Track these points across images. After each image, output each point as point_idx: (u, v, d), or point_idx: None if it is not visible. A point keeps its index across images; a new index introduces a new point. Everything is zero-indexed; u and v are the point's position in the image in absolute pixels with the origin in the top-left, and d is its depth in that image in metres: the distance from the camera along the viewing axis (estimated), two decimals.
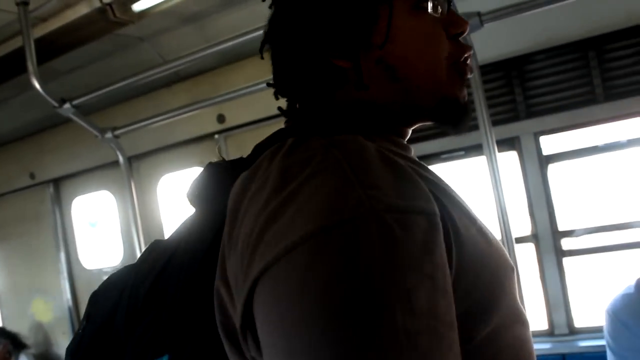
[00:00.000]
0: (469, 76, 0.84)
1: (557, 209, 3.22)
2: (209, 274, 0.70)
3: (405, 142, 0.86)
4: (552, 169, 3.22)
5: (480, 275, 0.65)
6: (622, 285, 2.12)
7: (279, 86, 0.86)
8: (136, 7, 3.04)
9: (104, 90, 3.00)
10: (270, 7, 0.85)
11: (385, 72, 0.78)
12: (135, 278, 0.83)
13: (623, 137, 3.08)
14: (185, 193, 0.82)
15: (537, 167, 3.21)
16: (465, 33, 0.83)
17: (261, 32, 0.91)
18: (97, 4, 2.93)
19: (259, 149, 0.80)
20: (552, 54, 3.15)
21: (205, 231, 0.74)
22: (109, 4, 2.93)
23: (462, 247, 0.63)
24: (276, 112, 0.91)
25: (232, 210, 0.67)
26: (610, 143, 3.11)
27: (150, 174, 4.47)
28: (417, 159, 0.83)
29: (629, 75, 3.01)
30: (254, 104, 3.39)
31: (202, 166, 0.82)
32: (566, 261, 3.21)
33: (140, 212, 4.29)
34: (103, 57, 3.64)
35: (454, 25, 0.81)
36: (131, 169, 4.37)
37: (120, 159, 3.31)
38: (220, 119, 3.90)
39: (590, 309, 3.22)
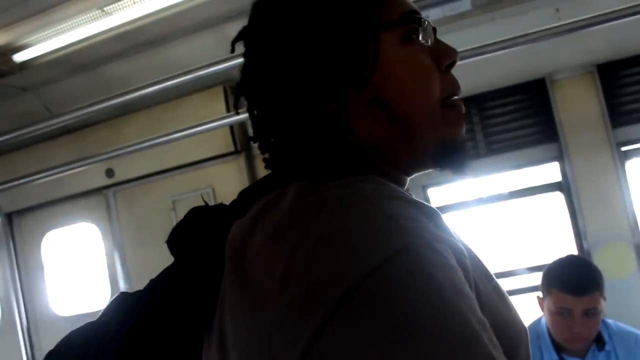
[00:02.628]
0: (463, 111, 0.79)
1: None
2: (192, 340, 0.68)
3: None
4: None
5: (498, 337, 0.59)
6: None
7: (264, 139, 0.79)
8: (18, 57, 2.91)
9: None
10: (244, 57, 0.80)
11: (381, 111, 0.72)
12: (103, 336, 0.75)
13: (504, 190, 3.25)
14: (165, 240, 0.76)
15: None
16: (456, 63, 0.79)
17: (152, 87, 0.84)
18: None
19: (245, 195, 0.75)
20: None
21: (188, 287, 0.70)
22: None
23: (480, 303, 0.58)
24: (167, 166, 0.84)
25: (233, 259, 0.63)
26: (493, 195, 3.26)
27: (33, 231, 4.21)
28: None
29: (506, 132, 3.20)
30: (144, 158, 3.30)
31: (91, 221, 0.76)
32: None
33: (22, 271, 4.04)
34: None
35: (444, 55, 0.76)
36: (11, 225, 4.12)
37: None
38: (109, 173, 3.76)
39: None
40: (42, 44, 2.84)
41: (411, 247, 0.52)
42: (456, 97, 0.78)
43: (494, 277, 0.69)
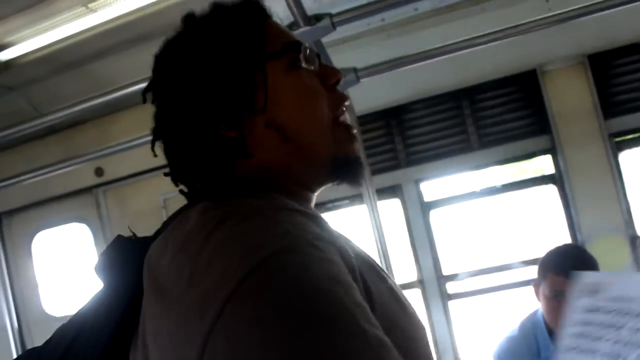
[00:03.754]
0: (354, 131, 0.86)
1: (440, 254, 3.30)
2: (119, 353, 0.71)
3: (313, 209, 0.85)
4: (434, 214, 3.30)
5: (390, 336, 0.62)
6: (506, 328, 2.19)
7: (178, 172, 0.85)
8: (2, 56, 2.86)
9: None
10: (152, 102, 0.86)
11: (276, 133, 0.79)
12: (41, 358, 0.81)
13: (497, 183, 3.23)
14: (92, 267, 0.81)
15: (420, 213, 3.29)
16: (341, 81, 0.87)
17: (140, 84, 0.91)
18: None
19: (165, 225, 0.79)
20: (428, 104, 3.28)
21: (114, 306, 0.74)
22: None
23: (371, 304, 0.63)
24: (158, 164, 0.90)
25: (149, 277, 0.68)
26: (487, 188, 3.25)
27: (23, 231, 4.17)
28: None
29: (498, 124, 3.18)
30: (134, 157, 3.24)
31: (81, 221, 0.79)
32: (451, 304, 3.28)
33: (12, 272, 4.00)
34: None
35: (328, 75, 0.85)
36: (1, 226, 4.08)
37: None
38: (99, 172, 3.72)
39: (478, 350, 3.30)
40: (27, 42, 2.80)
41: (291, 246, 0.59)
42: (346, 105, 0.86)
43: (389, 279, 0.75)
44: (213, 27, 0.82)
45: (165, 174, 0.87)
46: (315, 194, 0.87)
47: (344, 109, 0.86)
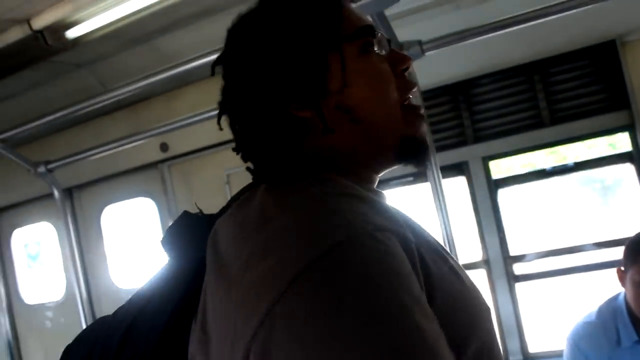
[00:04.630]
0: (422, 112, 0.87)
1: (507, 234, 3.19)
2: (180, 329, 0.73)
3: (377, 189, 0.87)
4: (502, 193, 3.19)
5: (452, 316, 0.66)
6: (583, 312, 2.10)
7: (244, 149, 0.87)
8: (70, 33, 2.90)
9: (37, 122, 2.84)
10: (223, 76, 0.87)
11: (345, 115, 0.80)
12: (107, 332, 0.85)
13: (570, 161, 3.09)
14: (159, 241, 0.85)
15: (487, 192, 3.18)
16: (410, 68, 0.88)
17: (206, 58, 0.94)
18: (28, 31, 2.78)
19: (230, 203, 0.82)
20: (497, 78, 3.15)
21: (179, 283, 0.77)
22: (40, 31, 2.78)
23: (432, 285, 0.65)
24: (221, 139, 0.92)
25: (211, 253, 0.71)
26: (558, 166, 3.11)
27: (92, 205, 4.30)
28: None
29: (572, 99, 3.02)
30: (198, 132, 3.27)
31: (147, 196, 0.80)
32: (518, 286, 3.17)
33: (82, 245, 4.14)
34: (37, 86, 3.49)
35: (398, 62, 0.86)
36: (72, 199, 4.22)
37: (56, 193, 3.15)
38: (164, 147, 3.77)
39: (544, 334, 3.20)
40: (92, 20, 2.83)
41: (352, 238, 0.60)
42: (412, 92, 0.87)
43: (451, 259, 0.75)
44: (290, 4, 0.83)
45: (234, 149, 0.87)
46: (380, 174, 0.88)
47: (411, 95, 0.87)
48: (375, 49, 0.83)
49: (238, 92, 0.84)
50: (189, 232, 0.81)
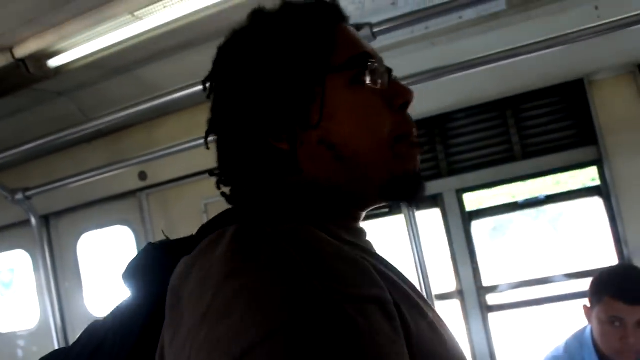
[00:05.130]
0: (417, 142, 0.81)
1: (481, 265, 3.24)
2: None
3: (359, 227, 0.83)
4: (475, 225, 3.25)
5: None
6: (550, 345, 2.12)
7: (223, 174, 0.83)
8: (52, 62, 2.94)
9: (17, 150, 2.86)
10: (208, 97, 0.84)
11: (328, 151, 0.75)
12: None
13: (541, 194, 3.16)
14: (120, 273, 0.78)
15: (460, 223, 3.24)
16: (410, 103, 0.81)
17: (186, 90, 0.93)
18: (10, 59, 2.81)
19: (203, 230, 0.76)
20: (472, 113, 3.23)
21: (138, 316, 0.72)
22: (22, 60, 2.82)
23: (410, 340, 0.60)
24: (199, 169, 0.91)
25: (172, 297, 0.64)
26: (530, 199, 3.18)
27: (69, 233, 4.27)
28: (369, 247, 0.81)
29: (543, 134, 3.11)
30: (177, 161, 3.31)
31: (125, 224, 0.80)
32: (491, 316, 3.22)
33: (58, 272, 4.10)
34: (17, 113, 3.49)
35: (398, 96, 0.79)
36: (48, 227, 4.19)
37: (33, 220, 3.15)
38: (142, 176, 3.79)
39: None
40: (75, 49, 2.86)
41: (313, 313, 0.53)
42: (413, 134, 0.80)
43: (430, 313, 0.69)
44: (279, 28, 0.79)
45: (211, 174, 0.85)
46: (365, 212, 0.83)
47: (409, 136, 0.80)
48: (368, 80, 0.77)
49: (221, 114, 0.81)
50: (151, 267, 0.75)
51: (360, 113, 0.76)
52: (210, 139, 0.85)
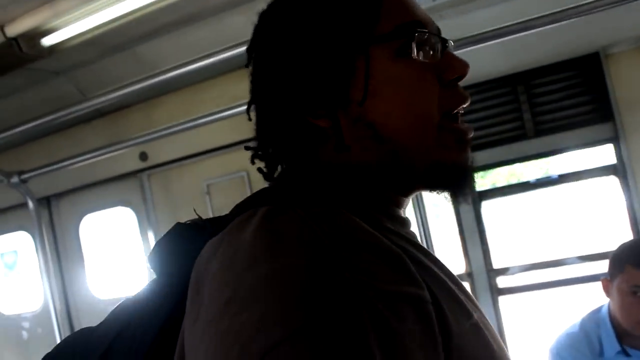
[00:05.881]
0: (470, 135, 0.73)
1: (491, 246, 3.17)
2: (161, 354, 0.65)
3: (402, 215, 0.76)
4: (486, 206, 3.17)
5: None
6: (565, 324, 2.09)
7: (261, 148, 0.78)
8: (46, 41, 2.84)
9: (13, 131, 2.79)
10: (247, 65, 0.79)
11: (367, 131, 0.69)
12: (87, 346, 0.76)
13: (554, 173, 3.07)
14: (146, 257, 0.74)
15: (470, 203, 3.15)
16: (465, 76, 0.72)
17: (186, 67, 0.86)
18: (2, 38, 2.71)
19: (238, 209, 0.71)
20: (481, 89, 3.13)
21: (162, 305, 0.68)
22: (15, 39, 2.72)
23: (450, 341, 0.55)
24: (200, 149, 0.84)
25: (194, 284, 0.61)
26: (542, 179, 3.09)
27: (70, 214, 4.22)
28: (411, 237, 0.73)
29: (556, 111, 3.00)
30: (178, 141, 3.23)
31: (126, 205, 0.73)
32: (501, 299, 3.15)
33: (60, 254, 4.06)
34: (13, 93, 3.41)
35: (449, 69, 0.71)
36: (50, 208, 4.15)
37: (30, 203, 3.08)
38: (143, 156, 3.71)
39: (527, 346, 3.18)
40: (70, 26, 2.77)
41: (342, 310, 0.48)
42: (461, 108, 0.73)
43: (475, 313, 0.65)
44: None
45: (246, 148, 0.79)
46: (409, 197, 0.77)
47: (461, 111, 0.73)
48: (415, 53, 0.69)
49: (260, 86, 0.77)
50: (178, 248, 0.70)
51: (404, 89, 0.69)
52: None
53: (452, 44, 0.75)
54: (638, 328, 1.87)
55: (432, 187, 0.74)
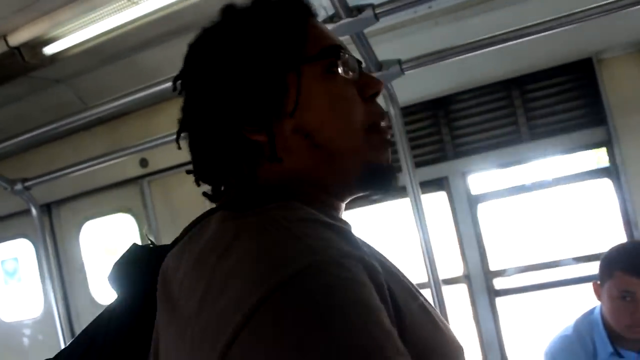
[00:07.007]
0: (389, 137, 0.83)
1: (488, 249, 3.20)
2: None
3: (342, 218, 0.83)
4: (482, 208, 3.20)
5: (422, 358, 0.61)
6: (559, 326, 2.11)
7: (200, 172, 0.84)
8: (48, 50, 2.88)
9: (15, 140, 2.81)
10: (179, 93, 0.84)
11: (304, 140, 0.76)
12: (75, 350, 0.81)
13: (549, 176, 3.11)
14: (106, 276, 0.79)
15: (467, 206, 3.19)
16: (380, 93, 0.83)
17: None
18: (4, 48, 2.75)
19: (186, 231, 0.76)
20: (477, 94, 3.17)
21: (124, 318, 0.74)
22: (17, 48, 2.76)
23: (402, 324, 0.60)
24: None
25: (163, 288, 0.66)
26: (537, 182, 3.13)
27: (71, 221, 4.25)
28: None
29: (551, 115, 3.05)
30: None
31: (127, 212, 0.78)
32: (499, 301, 3.18)
33: (62, 261, 4.08)
34: (15, 101, 3.45)
35: (367, 86, 0.81)
36: (51, 215, 4.17)
37: (33, 210, 3.11)
38: (143, 163, 3.74)
39: (524, 347, 3.21)
40: (71, 36, 2.81)
41: (315, 264, 0.55)
42: (383, 122, 0.82)
43: (421, 296, 0.71)
44: (251, 21, 0.80)
45: (188, 172, 0.85)
46: (344, 203, 0.84)
47: (381, 123, 0.82)
48: (341, 70, 0.79)
49: (194, 110, 0.81)
50: (137, 267, 0.76)
51: (334, 101, 0.78)
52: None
53: (364, 64, 0.85)
54: (628, 331, 1.90)
55: (364, 186, 0.81)
